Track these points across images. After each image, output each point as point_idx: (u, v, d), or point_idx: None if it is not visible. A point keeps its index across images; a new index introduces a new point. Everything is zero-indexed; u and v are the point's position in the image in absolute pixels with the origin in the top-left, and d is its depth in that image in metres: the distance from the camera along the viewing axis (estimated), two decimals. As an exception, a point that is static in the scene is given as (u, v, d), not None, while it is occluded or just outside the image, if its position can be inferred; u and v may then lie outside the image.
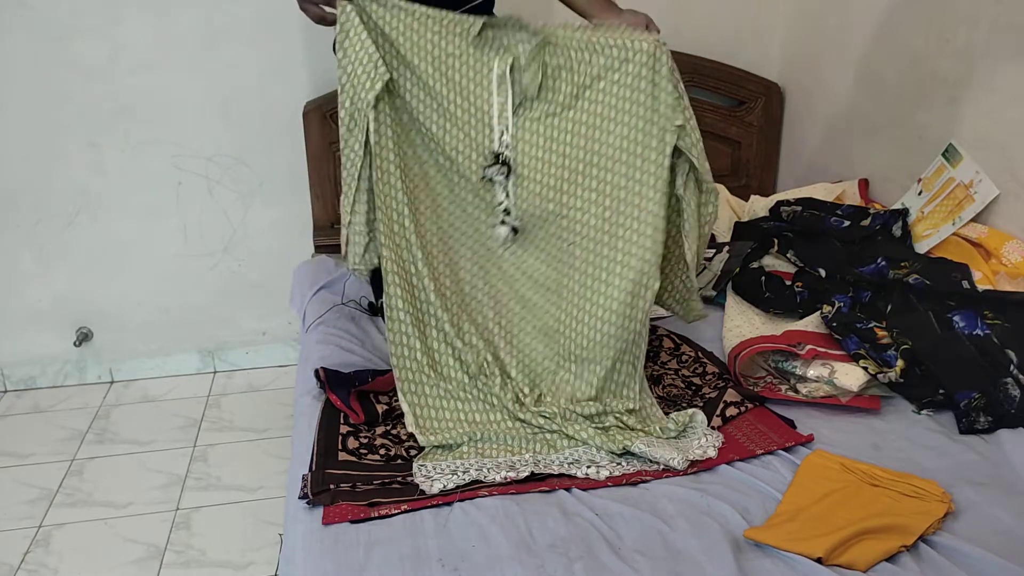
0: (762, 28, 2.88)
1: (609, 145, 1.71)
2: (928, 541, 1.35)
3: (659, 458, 1.54)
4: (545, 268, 1.80)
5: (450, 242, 1.81)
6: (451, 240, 1.81)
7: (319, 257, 2.62)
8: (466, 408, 1.73)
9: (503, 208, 1.76)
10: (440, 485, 1.49)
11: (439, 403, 1.73)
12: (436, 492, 1.48)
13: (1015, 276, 1.92)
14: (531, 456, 1.61)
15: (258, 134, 2.75)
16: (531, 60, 1.71)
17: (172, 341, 2.97)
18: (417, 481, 1.51)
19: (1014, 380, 1.68)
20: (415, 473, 1.54)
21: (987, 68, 2.03)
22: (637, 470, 1.56)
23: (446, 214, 1.80)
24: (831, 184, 2.55)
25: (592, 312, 1.73)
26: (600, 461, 1.58)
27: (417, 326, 1.75)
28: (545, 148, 1.75)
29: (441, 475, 1.52)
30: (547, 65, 1.72)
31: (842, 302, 1.93)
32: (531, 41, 1.71)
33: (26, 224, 2.74)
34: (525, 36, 1.71)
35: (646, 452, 1.55)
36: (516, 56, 1.72)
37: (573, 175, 1.74)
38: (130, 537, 2.18)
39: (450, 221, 1.81)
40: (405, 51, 1.69)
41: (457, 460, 1.59)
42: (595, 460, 1.58)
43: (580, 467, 1.56)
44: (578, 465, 1.57)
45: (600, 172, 1.72)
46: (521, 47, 1.72)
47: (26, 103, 2.60)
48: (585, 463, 1.57)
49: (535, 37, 1.71)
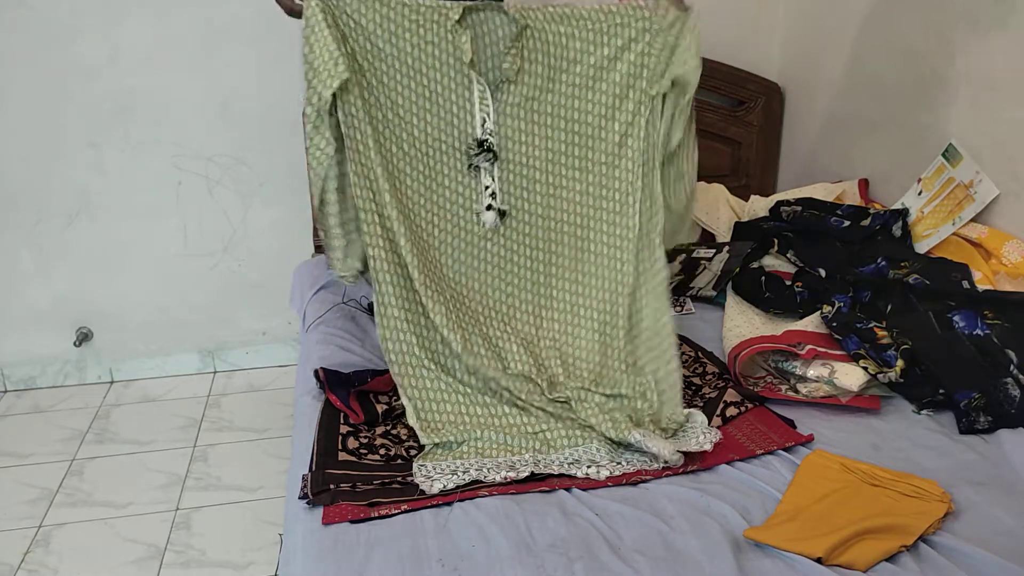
0: (762, 28, 2.88)
1: (588, 124, 1.80)
2: (928, 541, 1.34)
3: (652, 448, 1.54)
4: (533, 251, 1.84)
5: (437, 233, 1.81)
6: (439, 232, 1.82)
7: (319, 257, 2.62)
8: (467, 402, 1.73)
9: (490, 192, 1.79)
10: (440, 485, 1.49)
11: (440, 396, 1.73)
12: (436, 492, 1.48)
13: (1015, 276, 1.92)
14: (531, 456, 1.61)
15: (258, 134, 2.75)
16: (511, 45, 1.75)
17: (172, 341, 2.97)
18: (417, 481, 1.51)
19: (1014, 380, 1.68)
20: (415, 473, 1.54)
21: (987, 68, 2.03)
22: (637, 470, 1.56)
23: (431, 205, 1.81)
24: (831, 184, 2.55)
25: (584, 283, 1.80)
26: (600, 460, 1.58)
27: (411, 321, 1.75)
28: (527, 131, 1.82)
29: (441, 475, 1.52)
30: (525, 48, 1.77)
31: (842, 302, 1.93)
32: (511, 26, 1.76)
33: (26, 224, 2.74)
34: (505, 20, 1.76)
35: (641, 442, 1.55)
36: (495, 41, 1.76)
37: (556, 155, 1.82)
38: (130, 537, 2.18)
39: (435, 212, 1.81)
40: (383, 43, 1.71)
41: (457, 460, 1.59)
42: (595, 460, 1.58)
43: (580, 467, 1.56)
44: (578, 465, 1.56)
45: (581, 150, 1.81)
46: (501, 31, 1.77)
47: (26, 103, 2.60)
48: (585, 463, 1.57)
49: (514, 23, 1.76)
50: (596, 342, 1.82)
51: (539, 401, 1.70)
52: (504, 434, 1.66)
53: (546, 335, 1.84)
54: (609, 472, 1.55)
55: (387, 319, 1.74)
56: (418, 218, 1.80)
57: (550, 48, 1.79)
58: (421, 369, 1.74)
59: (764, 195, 2.72)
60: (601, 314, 1.83)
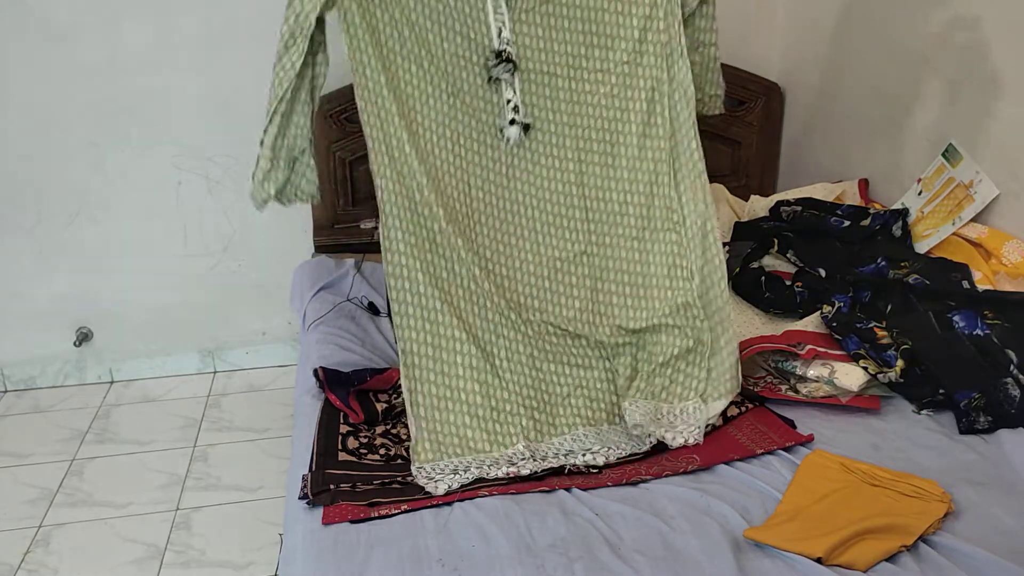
0: (762, 28, 2.88)
1: (605, 23, 1.74)
2: (928, 541, 1.35)
3: (631, 420, 1.53)
4: (562, 162, 1.78)
5: (463, 153, 1.75)
6: (464, 153, 1.75)
7: (319, 257, 2.62)
8: (468, 377, 1.64)
9: (512, 106, 1.74)
10: (445, 486, 1.49)
11: (444, 406, 1.63)
12: (443, 493, 1.47)
13: (1015, 276, 1.92)
14: (524, 447, 1.59)
15: (258, 134, 2.74)
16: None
17: (172, 341, 2.96)
18: (420, 483, 1.51)
19: (1014, 380, 1.68)
20: (415, 475, 1.53)
21: (987, 68, 2.03)
22: (634, 463, 1.56)
23: (455, 124, 1.75)
24: (831, 184, 2.55)
25: (618, 189, 1.76)
26: (593, 447, 1.57)
27: (421, 259, 1.67)
28: (544, 37, 1.76)
29: (443, 475, 1.52)
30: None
31: (842, 302, 1.93)
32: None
33: (26, 224, 2.74)
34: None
35: (626, 411, 1.54)
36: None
37: (576, 59, 1.76)
38: (130, 537, 2.18)
39: (459, 132, 1.75)
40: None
41: (455, 459, 1.58)
42: (589, 448, 1.57)
43: (576, 456, 1.55)
44: (573, 455, 1.56)
45: (601, 51, 1.75)
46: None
47: (27, 103, 2.60)
48: (579, 452, 1.56)
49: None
50: (635, 250, 1.77)
51: (559, 320, 1.68)
52: (494, 423, 1.63)
53: (579, 250, 1.77)
54: (605, 458, 1.54)
55: (392, 254, 1.67)
56: (442, 139, 1.73)
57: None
58: (425, 347, 1.65)
59: (764, 195, 2.72)
60: (638, 219, 1.78)
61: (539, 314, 1.72)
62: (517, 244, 1.76)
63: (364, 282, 2.40)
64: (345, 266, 2.51)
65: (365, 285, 2.39)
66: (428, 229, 1.68)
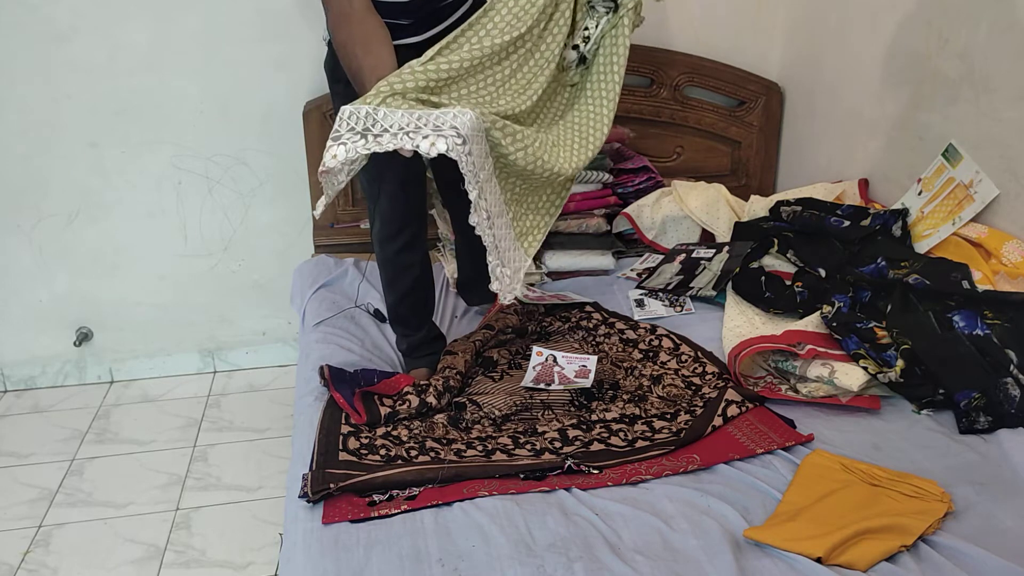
0: (762, 28, 2.88)
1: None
2: (928, 541, 1.35)
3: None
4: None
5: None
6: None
7: (319, 257, 2.62)
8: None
9: (585, 35, 1.80)
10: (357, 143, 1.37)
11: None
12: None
13: (1015, 276, 1.92)
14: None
15: (258, 134, 2.75)
16: None
17: (172, 341, 2.97)
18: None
19: (1014, 380, 1.68)
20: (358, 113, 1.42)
21: (987, 68, 2.03)
22: (634, 463, 1.56)
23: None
24: (831, 184, 2.55)
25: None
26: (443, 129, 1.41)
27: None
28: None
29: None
30: None
31: (842, 302, 1.93)
32: None
33: (26, 224, 2.74)
34: None
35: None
36: None
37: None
38: (130, 537, 2.18)
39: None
40: None
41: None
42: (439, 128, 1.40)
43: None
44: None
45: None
46: None
47: (26, 103, 2.60)
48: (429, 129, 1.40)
49: None
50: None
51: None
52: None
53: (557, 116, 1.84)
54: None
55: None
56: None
57: None
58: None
59: (764, 195, 2.72)
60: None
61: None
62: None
63: (370, 287, 2.39)
64: (345, 265, 2.51)
65: (372, 290, 2.37)
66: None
